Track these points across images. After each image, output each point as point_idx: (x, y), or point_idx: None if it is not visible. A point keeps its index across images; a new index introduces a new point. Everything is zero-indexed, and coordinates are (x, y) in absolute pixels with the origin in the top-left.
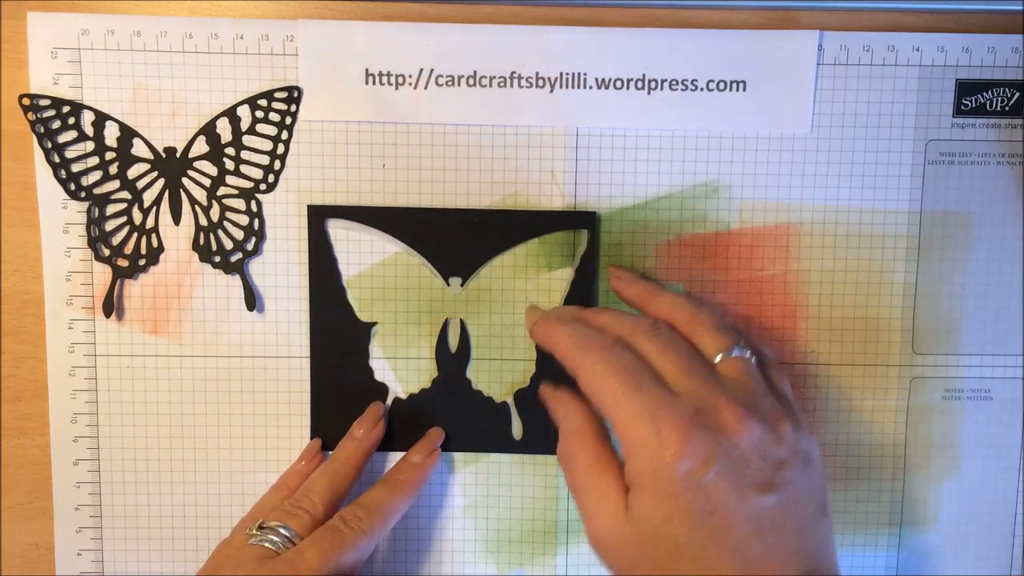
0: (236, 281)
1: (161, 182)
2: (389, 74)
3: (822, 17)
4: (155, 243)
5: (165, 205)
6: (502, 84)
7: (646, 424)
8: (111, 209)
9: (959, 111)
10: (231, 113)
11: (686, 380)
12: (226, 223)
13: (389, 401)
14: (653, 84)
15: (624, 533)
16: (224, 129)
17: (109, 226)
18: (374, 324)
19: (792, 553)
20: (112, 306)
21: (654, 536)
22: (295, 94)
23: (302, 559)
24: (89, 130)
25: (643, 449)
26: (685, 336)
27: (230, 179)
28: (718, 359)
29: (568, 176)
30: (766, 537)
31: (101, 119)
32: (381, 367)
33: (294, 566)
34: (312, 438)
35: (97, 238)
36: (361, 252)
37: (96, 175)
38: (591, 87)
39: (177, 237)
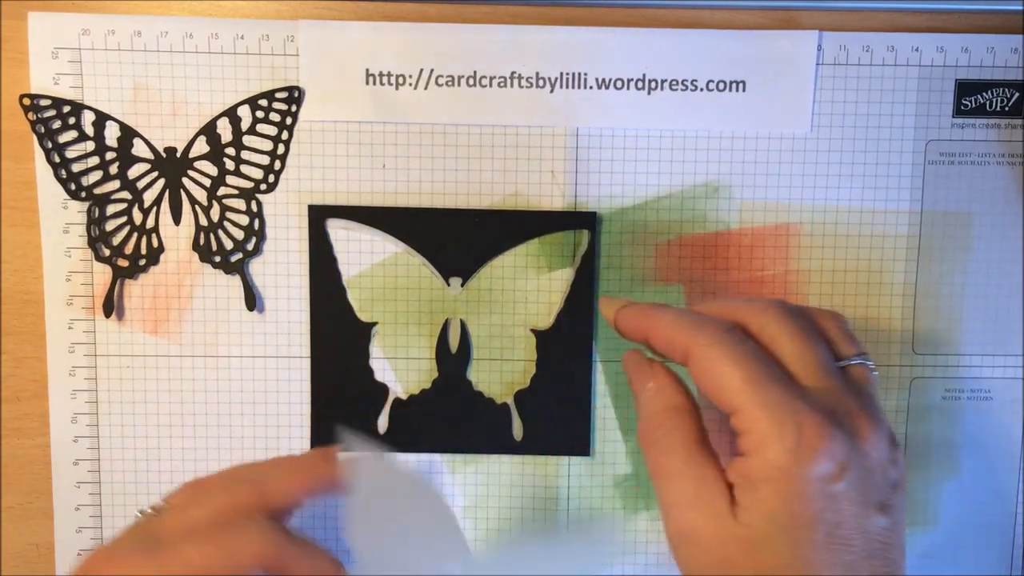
0: (236, 281)
1: (161, 182)
2: (389, 74)
3: (822, 17)
4: (155, 243)
5: (165, 205)
6: (502, 84)
7: (780, 416)
8: (111, 209)
9: (959, 111)
10: (231, 113)
11: (818, 374)
12: (226, 223)
13: (389, 401)
14: (653, 84)
15: (727, 533)
16: (224, 129)
17: (109, 226)
18: (374, 324)
19: None
20: (112, 306)
21: (769, 540)
22: (295, 94)
23: None
24: (89, 130)
25: (776, 443)
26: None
27: (230, 179)
28: (845, 363)
29: (568, 176)
30: (874, 562)
31: (101, 119)
32: (381, 367)
33: None
34: (312, 438)
35: (97, 238)
36: (361, 252)
37: (96, 175)
38: (591, 87)
39: (177, 237)
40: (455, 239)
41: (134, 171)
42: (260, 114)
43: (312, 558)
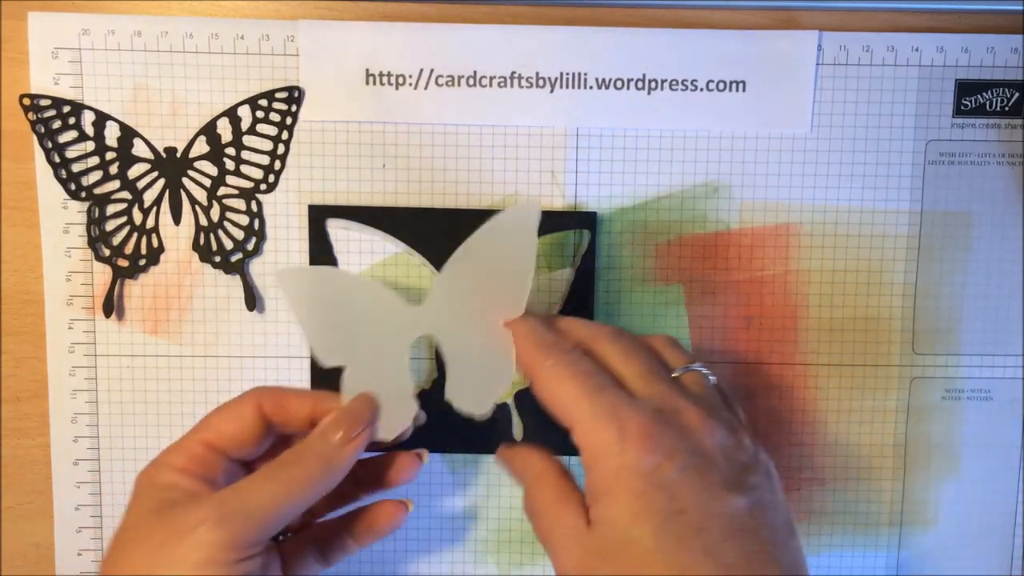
0: (236, 281)
1: (161, 182)
2: (389, 74)
3: (822, 17)
4: (155, 243)
5: (165, 205)
6: (502, 84)
7: (608, 423)
8: (111, 209)
9: (959, 111)
10: (232, 113)
11: (648, 383)
12: (226, 223)
13: None
14: (653, 84)
15: (589, 550)
16: (224, 129)
17: (109, 226)
18: None
19: (770, 561)
20: (112, 306)
21: (620, 543)
22: (295, 94)
23: None
24: (89, 130)
25: (605, 450)
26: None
27: (230, 179)
28: (678, 372)
29: (568, 176)
30: (741, 542)
31: (101, 119)
32: None
33: None
34: None
35: (97, 238)
36: (361, 252)
37: (96, 175)
38: (591, 87)
39: (177, 237)
40: (455, 239)
41: (134, 171)
42: (260, 114)
43: (302, 393)
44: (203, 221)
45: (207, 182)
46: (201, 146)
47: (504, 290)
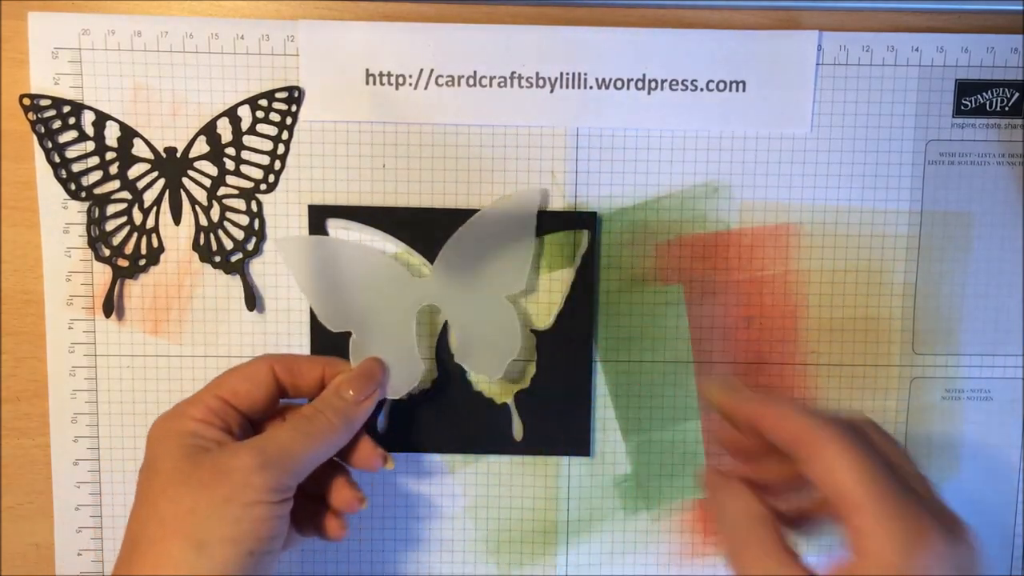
0: (236, 281)
1: (161, 182)
2: (389, 74)
3: (822, 17)
4: (155, 243)
5: (165, 205)
6: (502, 84)
7: (897, 525)
8: (111, 209)
9: (959, 111)
10: (232, 113)
11: (920, 479)
12: (226, 223)
13: (389, 401)
14: (653, 84)
15: None
16: (224, 129)
17: (109, 226)
18: None
19: None
20: (112, 306)
21: None
22: (295, 94)
23: None
24: (89, 130)
25: (894, 544)
26: None
27: (230, 179)
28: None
29: (568, 176)
30: None
31: (102, 119)
32: None
33: None
34: None
35: (97, 238)
36: None
37: (96, 175)
38: (591, 87)
39: (177, 237)
40: None
41: (134, 171)
42: (260, 114)
43: (312, 358)
44: (203, 221)
45: (207, 182)
46: (201, 146)
47: (505, 266)
